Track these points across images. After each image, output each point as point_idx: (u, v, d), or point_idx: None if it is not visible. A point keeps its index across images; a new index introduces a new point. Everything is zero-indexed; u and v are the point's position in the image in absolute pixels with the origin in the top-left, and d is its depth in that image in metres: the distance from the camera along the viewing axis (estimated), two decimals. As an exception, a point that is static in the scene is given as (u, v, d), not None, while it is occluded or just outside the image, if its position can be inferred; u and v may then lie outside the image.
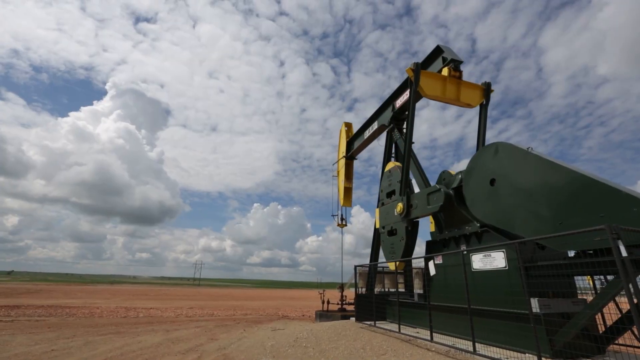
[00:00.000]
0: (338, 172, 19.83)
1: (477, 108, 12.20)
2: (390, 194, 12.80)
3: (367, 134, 16.57)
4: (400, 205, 11.38)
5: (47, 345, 10.45)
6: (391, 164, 13.62)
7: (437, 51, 11.75)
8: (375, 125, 15.74)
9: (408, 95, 12.36)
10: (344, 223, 19.54)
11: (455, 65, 11.18)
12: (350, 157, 18.97)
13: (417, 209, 10.78)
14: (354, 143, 18.25)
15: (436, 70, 11.62)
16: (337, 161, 19.79)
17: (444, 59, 11.38)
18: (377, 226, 13.66)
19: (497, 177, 7.88)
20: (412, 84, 11.02)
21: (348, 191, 19.16)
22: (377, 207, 13.66)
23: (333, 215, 19.75)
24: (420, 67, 10.99)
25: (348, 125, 19.55)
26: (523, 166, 7.29)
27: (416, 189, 11.85)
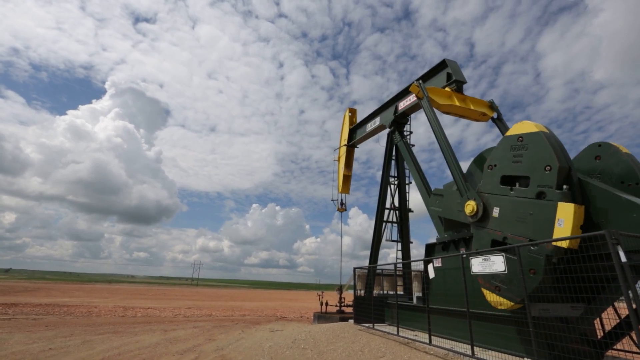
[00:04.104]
0: (339, 158, 19.70)
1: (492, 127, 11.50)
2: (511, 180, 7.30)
3: (368, 127, 16.44)
4: (472, 204, 7.94)
5: (44, 343, 10.42)
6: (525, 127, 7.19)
7: (442, 65, 11.43)
8: (377, 121, 15.54)
9: (413, 101, 12.22)
10: (343, 207, 19.65)
11: (458, 86, 10.76)
12: (351, 145, 18.80)
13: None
14: (356, 132, 18.09)
15: (439, 86, 11.33)
16: (339, 147, 19.58)
17: (449, 76, 11.01)
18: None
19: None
20: (421, 100, 10.59)
21: (347, 179, 19.23)
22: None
23: (333, 200, 19.77)
24: (424, 84, 10.56)
25: (352, 111, 19.33)
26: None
27: (416, 193, 11.75)
